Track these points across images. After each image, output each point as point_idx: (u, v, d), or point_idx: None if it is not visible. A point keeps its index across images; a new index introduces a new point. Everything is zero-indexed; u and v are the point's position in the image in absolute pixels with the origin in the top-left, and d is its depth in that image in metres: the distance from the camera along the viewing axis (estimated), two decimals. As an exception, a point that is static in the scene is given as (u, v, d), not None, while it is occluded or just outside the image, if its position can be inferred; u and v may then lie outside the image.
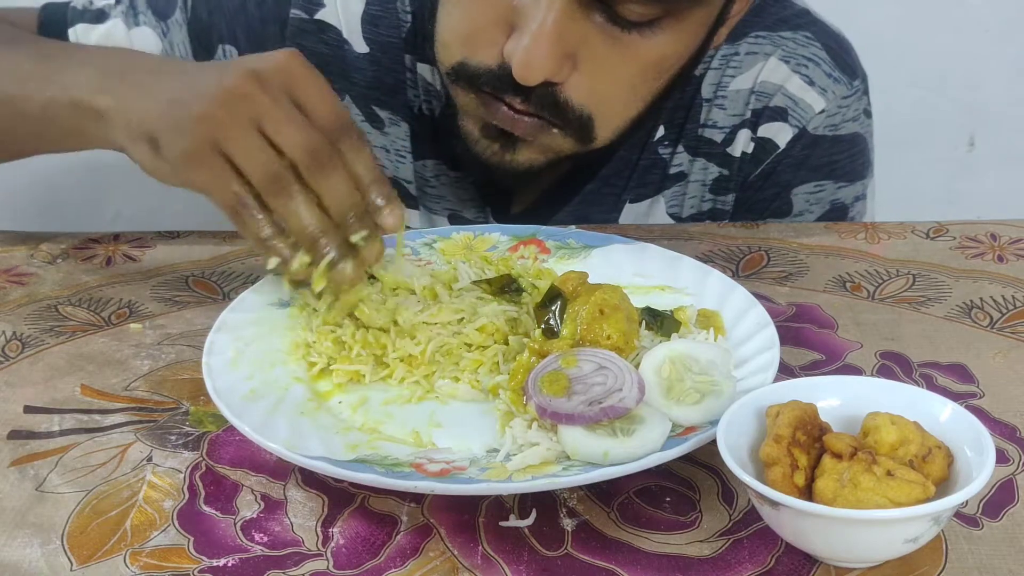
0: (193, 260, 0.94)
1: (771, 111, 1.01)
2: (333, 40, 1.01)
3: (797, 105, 1.00)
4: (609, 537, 0.61)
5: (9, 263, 0.93)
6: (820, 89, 1.00)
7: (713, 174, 1.04)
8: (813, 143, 1.02)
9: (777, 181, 1.03)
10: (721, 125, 1.02)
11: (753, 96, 1.01)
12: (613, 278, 0.80)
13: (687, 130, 1.02)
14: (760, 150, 1.02)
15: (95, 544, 0.61)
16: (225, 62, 0.87)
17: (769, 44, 1.00)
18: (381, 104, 1.02)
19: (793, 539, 0.59)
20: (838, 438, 0.58)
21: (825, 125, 1.01)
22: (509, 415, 0.67)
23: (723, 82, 1.01)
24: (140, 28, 0.98)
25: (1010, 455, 0.67)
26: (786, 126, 1.01)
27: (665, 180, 1.04)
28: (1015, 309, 0.83)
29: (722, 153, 1.03)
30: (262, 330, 0.76)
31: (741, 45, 1.00)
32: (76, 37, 0.98)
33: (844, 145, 1.03)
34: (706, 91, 1.01)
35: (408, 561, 0.59)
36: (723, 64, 1.01)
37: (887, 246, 0.94)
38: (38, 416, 0.72)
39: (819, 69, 1.00)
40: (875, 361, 0.77)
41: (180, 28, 0.99)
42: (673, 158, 1.03)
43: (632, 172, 1.03)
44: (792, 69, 1.00)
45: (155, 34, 0.99)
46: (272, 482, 0.65)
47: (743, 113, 1.01)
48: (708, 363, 0.68)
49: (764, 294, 0.85)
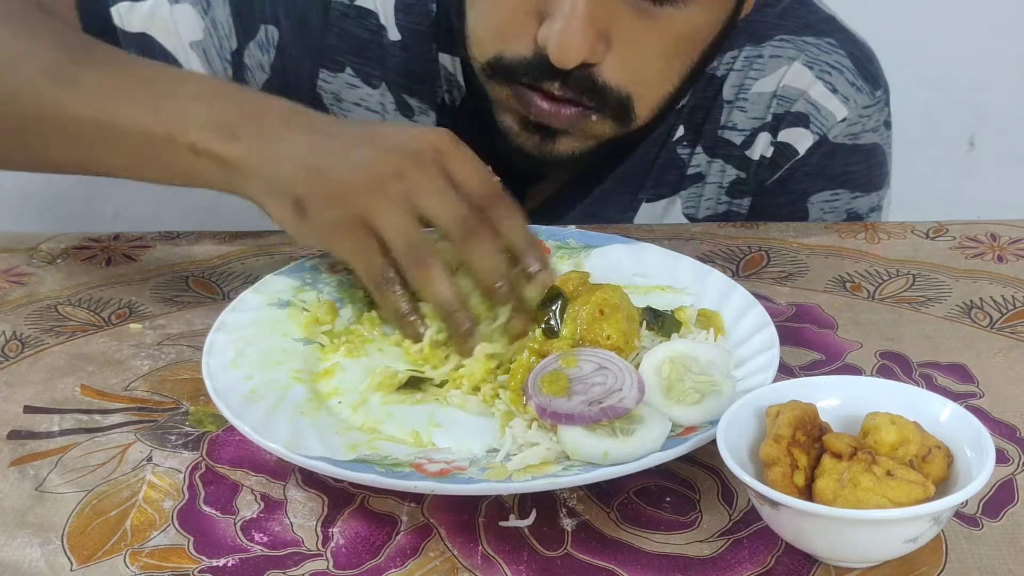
0: (193, 260, 0.94)
1: (792, 116, 1.00)
2: (373, 26, 1.00)
3: (819, 112, 1.00)
4: (609, 537, 0.61)
5: (9, 263, 0.93)
6: (843, 97, 1.00)
7: (731, 176, 1.03)
8: (832, 151, 1.01)
9: (793, 188, 1.03)
10: (741, 127, 1.02)
11: (775, 100, 1.00)
12: (613, 278, 0.80)
13: (706, 131, 1.02)
14: (779, 155, 1.02)
15: (95, 544, 0.61)
16: (372, 128, 0.83)
17: (793, 48, 1.00)
18: (411, 93, 1.02)
19: (793, 539, 0.59)
20: (838, 438, 0.58)
21: (845, 134, 1.01)
22: (509, 415, 0.67)
23: (745, 84, 1.00)
24: (181, 5, 0.96)
25: (1010, 455, 0.67)
26: (807, 132, 1.00)
27: (683, 180, 1.04)
28: (1015, 309, 0.83)
29: (740, 156, 1.02)
30: (262, 330, 0.76)
31: (765, 48, 1.00)
32: (120, 16, 0.95)
33: (862, 155, 1.02)
34: (727, 92, 1.01)
35: (408, 561, 0.59)
36: (746, 66, 1.00)
37: (887, 246, 0.94)
38: (38, 416, 0.72)
39: (842, 77, 1.00)
40: (875, 361, 0.77)
41: (223, 5, 0.97)
42: (692, 158, 1.03)
43: (650, 171, 1.03)
44: (816, 75, 0.99)
45: (195, 11, 0.96)
46: (272, 482, 0.65)
47: (764, 116, 1.01)
48: (708, 363, 0.68)
49: (764, 294, 0.85)
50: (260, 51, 0.98)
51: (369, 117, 1.02)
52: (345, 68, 1.00)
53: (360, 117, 1.02)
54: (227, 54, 0.98)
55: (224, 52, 0.97)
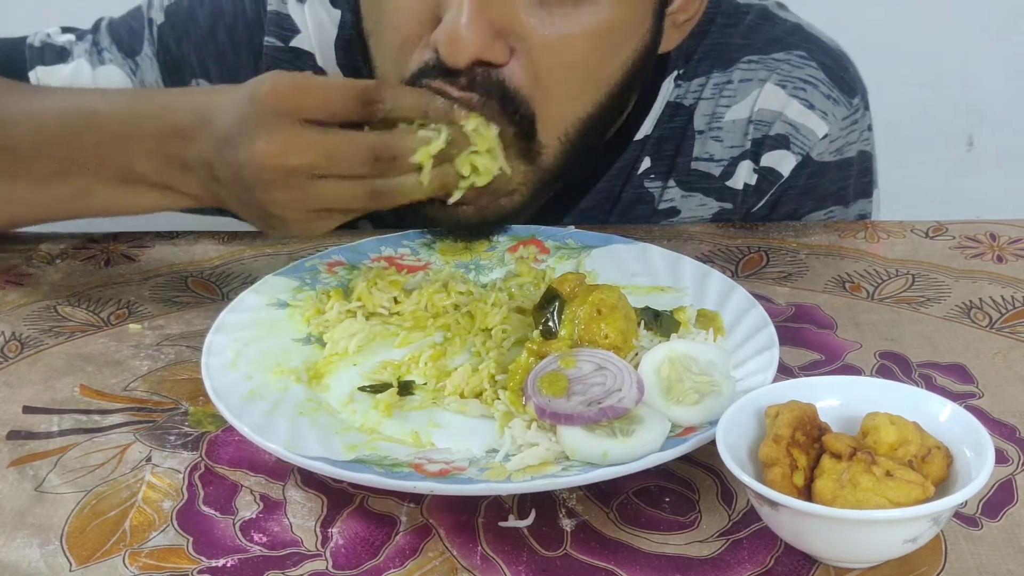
0: (192, 260, 0.94)
1: (772, 140, 0.97)
2: (309, 68, 0.96)
3: (799, 131, 0.97)
4: (608, 537, 0.61)
5: (8, 263, 0.93)
6: (821, 112, 0.96)
7: (713, 209, 1.00)
8: (819, 170, 0.98)
9: (784, 210, 1.00)
10: (719, 158, 0.98)
11: (751, 125, 0.97)
12: (613, 278, 0.80)
13: (679, 164, 0.98)
14: (763, 180, 0.99)
15: (94, 544, 0.61)
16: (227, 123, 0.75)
17: (763, 69, 0.96)
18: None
19: (792, 539, 0.58)
20: (837, 438, 0.58)
21: (830, 151, 0.98)
22: (508, 415, 0.67)
23: (717, 112, 0.97)
24: (106, 67, 0.94)
25: (1009, 455, 0.67)
26: (789, 154, 0.97)
27: (654, 215, 1.00)
28: (1014, 309, 0.83)
29: (721, 187, 0.99)
30: (261, 330, 0.76)
31: (734, 72, 0.97)
32: (37, 80, 0.93)
33: (851, 169, 1.00)
34: (699, 123, 0.98)
35: (407, 561, 0.59)
36: (715, 93, 0.97)
37: (886, 245, 0.94)
38: (37, 416, 0.72)
39: (817, 91, 0.96)
40: (874, 361, 0.77)
41: (152, 64, 0.95)
42: (664, 192, 0.99)
43: (614, 205, 0.99)
44: (790, 93, 0.96)
45: (123, 72, 0.95)
46: (271, 482, 0.65)
47: (742, 144, 0.98)
48: (707, 363, 0.68)
49: (764, 294, 0.85)
50: None
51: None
52: None
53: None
54: None
55: None
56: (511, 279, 0.83)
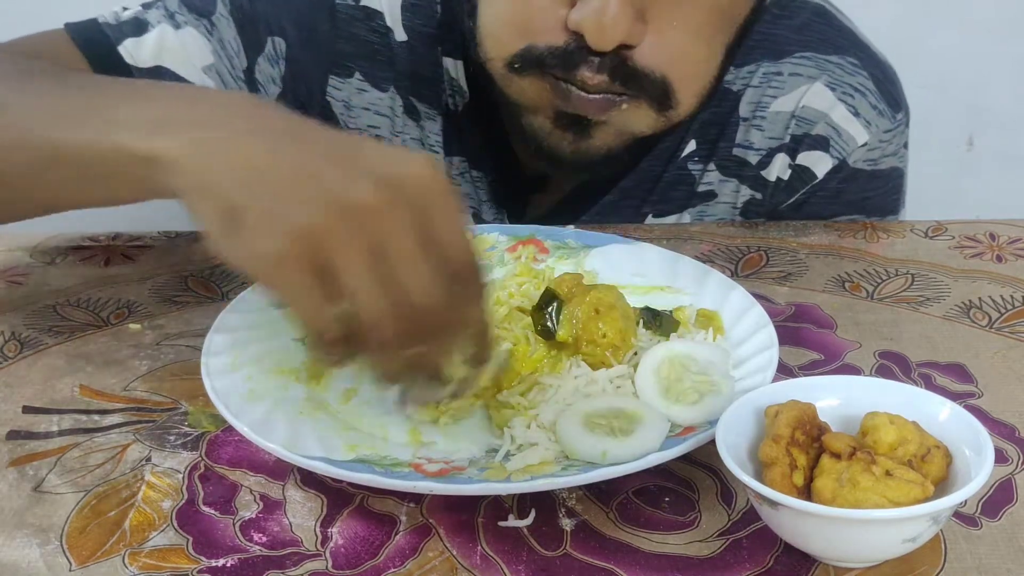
0: (192, 260, 0.93)
1: (812, 139, 0.97)
2: (380, 27, 0.98)
3: (840, 136, 0.97)
4: (608, 537, 0.61)
5: (8, 263, 0.93)
6: (864, 121, 0.97)
7: (745, 196, 1.01)
8: (851, 176, 0.99)
9: (809, 212, 1.00)
10: (758, 147, 0.99)
11: (794, 120, 0.97)
12: (613, 278, 0.80)
13: (720, 148, 0.99)
14: (796, 178, 0.99)
15: (94, 544, 0.61)
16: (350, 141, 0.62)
17: (814, 67, 0.97)
18: (419, 96, 1.00)
19: (792, 539, 0.59)
20: (837, 438, 0.58)
21: (865, 159, 0.98)
22: (508, 415, 0.67)
23: (763, 102, 0.98)
24: (183, 30, 0.93)
25: (1009, 455, 0.67)
26: (826, 156, 0.98)
27: (692, 197, 1.01)
28: (1014, 309, 0.83)
29: (756, 176, 1.00)
30: (261, 331, 0.76)
31: (784, 64, 0.97)
32: (129, 55, 0.91)
33: (881, 181, 1.00)
34: (744, 109, 0.98)
35: (407, 561, 0.59)
36: (764, 82, 0.97)
37: (886, 245, 0.94)
38: (37, 416, 0.72)
39: (865, 100, 0.96)
40: (874, 361, 0.77)
41: (227, 23, 0.94)
42: (703, 175, 1.00)
43: (655, 185, 1.00)
44: (838, 97, 0.96)
45: (200, 33, 0.93)
46: (271, 482, 0.65)
47: (782, 136, 0.98)
48: (707, 363, 0.68)
49: (763, 294, 0.85)
50: (269, 65, 0.96)
51: (378, 122, 1.00)
52: (354, 73, 0.98)
53: (369, 122, 1.00)
54: (239, 73, 0.95)
55: (236, 72, 0.95)
56: (511, 279, 0.83)
